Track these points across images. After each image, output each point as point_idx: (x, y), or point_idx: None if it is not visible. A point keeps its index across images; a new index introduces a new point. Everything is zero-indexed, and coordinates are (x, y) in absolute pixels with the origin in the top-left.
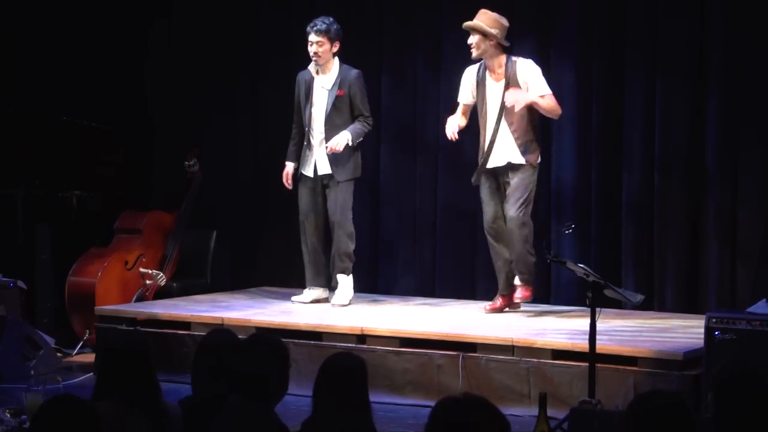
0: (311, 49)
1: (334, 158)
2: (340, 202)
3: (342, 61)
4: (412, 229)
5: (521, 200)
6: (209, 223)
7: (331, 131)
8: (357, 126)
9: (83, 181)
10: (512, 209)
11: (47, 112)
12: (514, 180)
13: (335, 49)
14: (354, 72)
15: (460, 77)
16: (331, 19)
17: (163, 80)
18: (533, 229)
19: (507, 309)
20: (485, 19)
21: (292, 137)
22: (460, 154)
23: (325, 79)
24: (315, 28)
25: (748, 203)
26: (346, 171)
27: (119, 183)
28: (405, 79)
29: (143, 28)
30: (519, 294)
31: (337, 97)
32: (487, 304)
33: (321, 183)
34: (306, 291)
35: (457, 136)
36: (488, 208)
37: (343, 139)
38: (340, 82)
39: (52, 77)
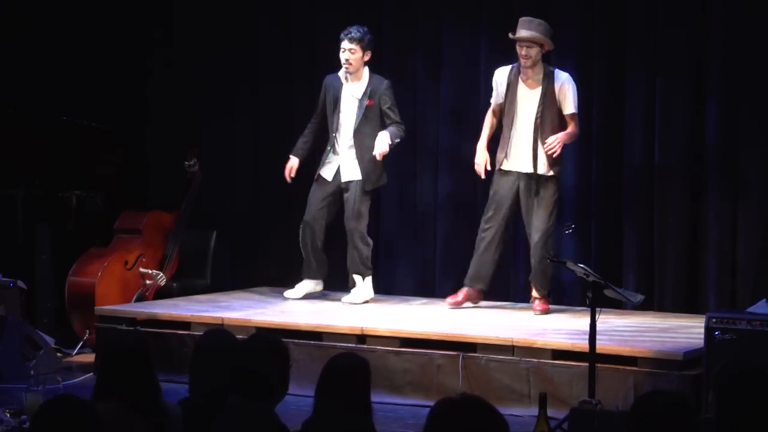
0: (343, 56)
1: (364, 168)
2: (357, 208)
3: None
4: (412, 230)
5: (550, 213)
6: (209, 223)
7: (359, 140)
8: (392, 128)
9: (83, 181)
10: (541, 222)
11: (47, 112)
12: (542, 193)
13: (367, 58)
14: (385, 83)
15: (460, 80)
16: (366, 28)
17: (163, 80)
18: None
19: (469, 303)
20: (540, 29)
21: (304, 135)
22: (461, 155)
23: (354, 87)
24: (349, 36)
25: (748, 203)
26: (371, 180)
27: (119, 183)
28: (405, 82)
29: (144, 29)
30: (538, 306)
31: (367, 107)
32: (450, 299)
33: (340, 187)
34: (298, 285)
35: (484, 176)
36: (491, 208)
37: (385, 141)
38: (371, 93)
39: (53, 77)
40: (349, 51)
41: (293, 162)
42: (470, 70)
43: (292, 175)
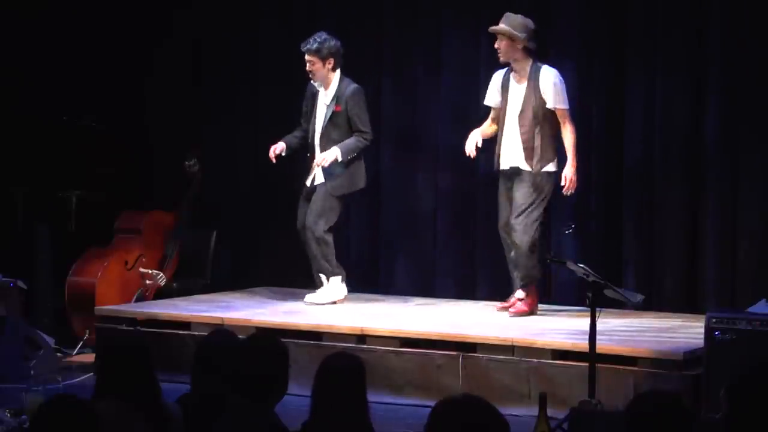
0: (306, 67)
1: (327, 172)
2: (317, 208)
3: (343, 68)
4: (412, 230)
5: (521, 209)
6: (209, 223)
7: (326, 146)
8: (350, 141)
9: (83, 181)
10: (513, 218)
11: (47, 112)
12: (518, 188)
13: (329, 66)
14: (352, 87)
15: (460, 79)
16: (324, 36)
17: (163, 79)
18: (536, 239)
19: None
20: (511, 23)
21: (294, 131)
22: (460, 155)
23: (326, 94)
24: (306, 48)
25: (748, 203)
26: (336, 186)
27: (119, 183)
28: (405, 82)
29: (144, 28)
30: (513, 308)
31: (333, 113)
32: (499, 303)
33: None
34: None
35: (474, 154)
36: (500, 210)
37: (331, 155)
38: (338, 98)
39: (53, 77)
40: (309, 63)
41: (280, 145)
42: (470, 69)
43: (277, 152)
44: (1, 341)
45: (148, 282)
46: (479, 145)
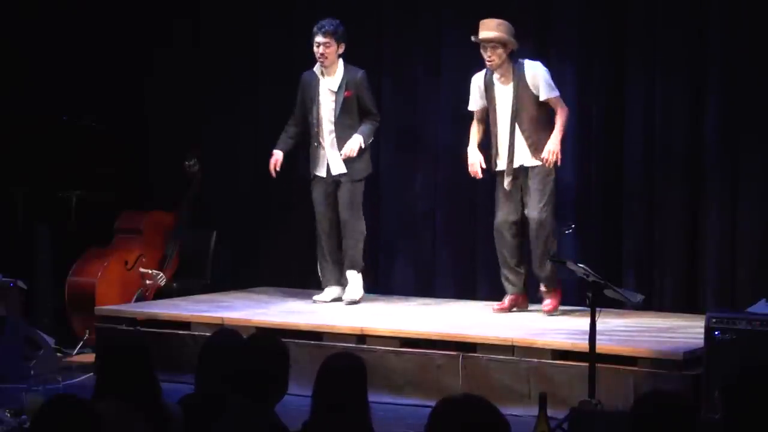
0: (317, 50)
1: (348, 158)
2: (350, 200)
3: (345, 62)
4: (412, 229)
5: (542, 203)
6: (209, 223)
7: (342, 132)
8: (366, 126)
9: (83, 181)
10: (534, 212)
11: (47, 112)
12: (532, 183)
13: (341, 51)
14: (359, 72)
15: (460, 79)
16: (338, 21)
17: (163, 80)
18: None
19: (515, 309)
20: (502, 29)
21: (286, 130)
22: (461, 154)
23: (331, 81)
24: (323, 30)
25: (748, 203)
26: (359, 170)
27: (119, 183)
28: (405, 82)
29: (144, 28)
30: (546, 305)
31: (345, 99)
32: (496, 305)
33: (334, 182)
34: (327, 289)
35: (481, 175)
36: (499, 210)
37: (356, 143)
38: (347, 84)
39: (53, 77)
40: (324, 45)
41: (278, 155)
42: (470, 69)
43: (278, 168)
44: (1, 341)
45: (148, 282)
46: (483, 165)
